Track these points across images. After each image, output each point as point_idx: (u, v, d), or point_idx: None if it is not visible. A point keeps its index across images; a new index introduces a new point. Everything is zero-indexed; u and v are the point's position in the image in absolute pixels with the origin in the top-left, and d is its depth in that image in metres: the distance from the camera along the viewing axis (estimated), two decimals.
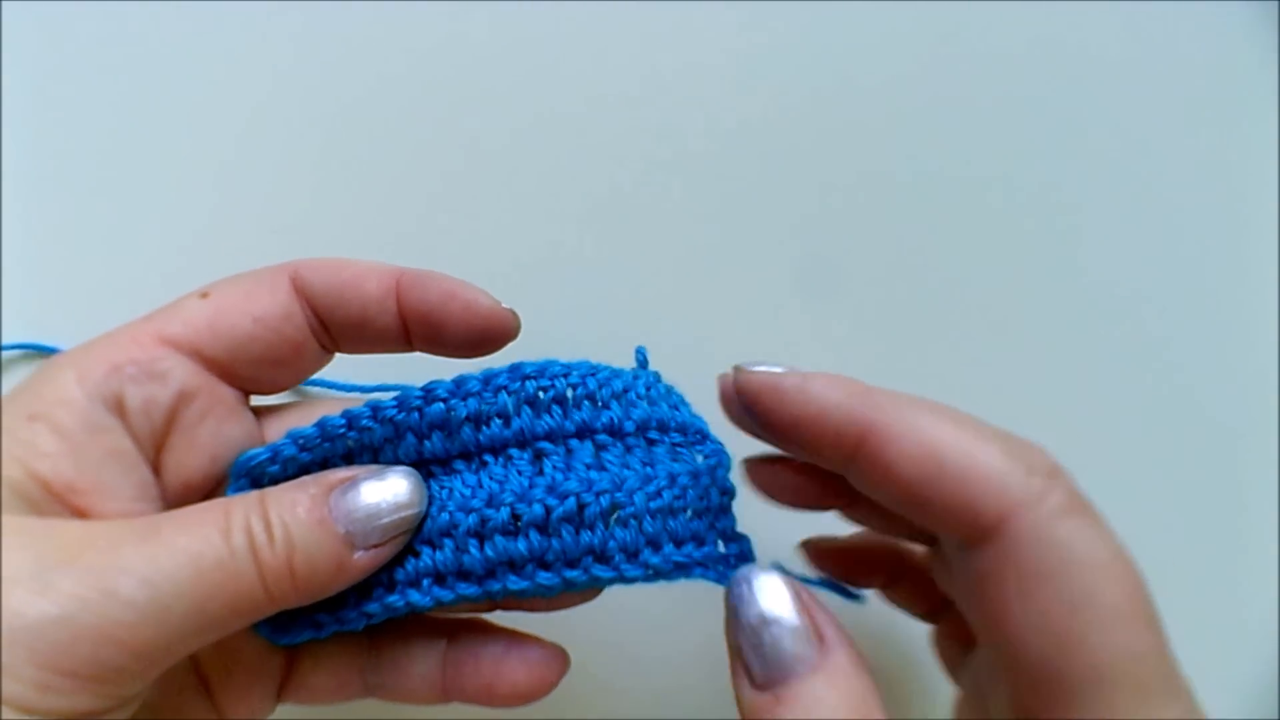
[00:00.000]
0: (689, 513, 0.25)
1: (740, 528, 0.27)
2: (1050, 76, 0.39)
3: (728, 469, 0.27)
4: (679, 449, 0.26)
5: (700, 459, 0.26)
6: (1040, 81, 0.39)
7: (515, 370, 0.25)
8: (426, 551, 0.24)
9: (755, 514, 0.27)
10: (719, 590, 0.26)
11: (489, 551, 0.24)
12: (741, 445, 0.27)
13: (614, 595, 0.27)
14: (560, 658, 0.26)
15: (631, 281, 0.38)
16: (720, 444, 0.27)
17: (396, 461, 0.25)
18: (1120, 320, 0.38)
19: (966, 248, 0.38)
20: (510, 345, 0.26)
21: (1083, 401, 0.38)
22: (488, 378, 0.25)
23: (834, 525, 0.37)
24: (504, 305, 0.25)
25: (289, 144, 0.38)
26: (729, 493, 0.27)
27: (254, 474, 0.24)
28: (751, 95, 0.38)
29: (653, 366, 0.28)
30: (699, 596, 0.36)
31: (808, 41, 0.38)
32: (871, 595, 0.31)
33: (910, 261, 0.38)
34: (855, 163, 0.38)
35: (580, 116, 0.38)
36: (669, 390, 0.27)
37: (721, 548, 0.26)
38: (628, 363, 0.28)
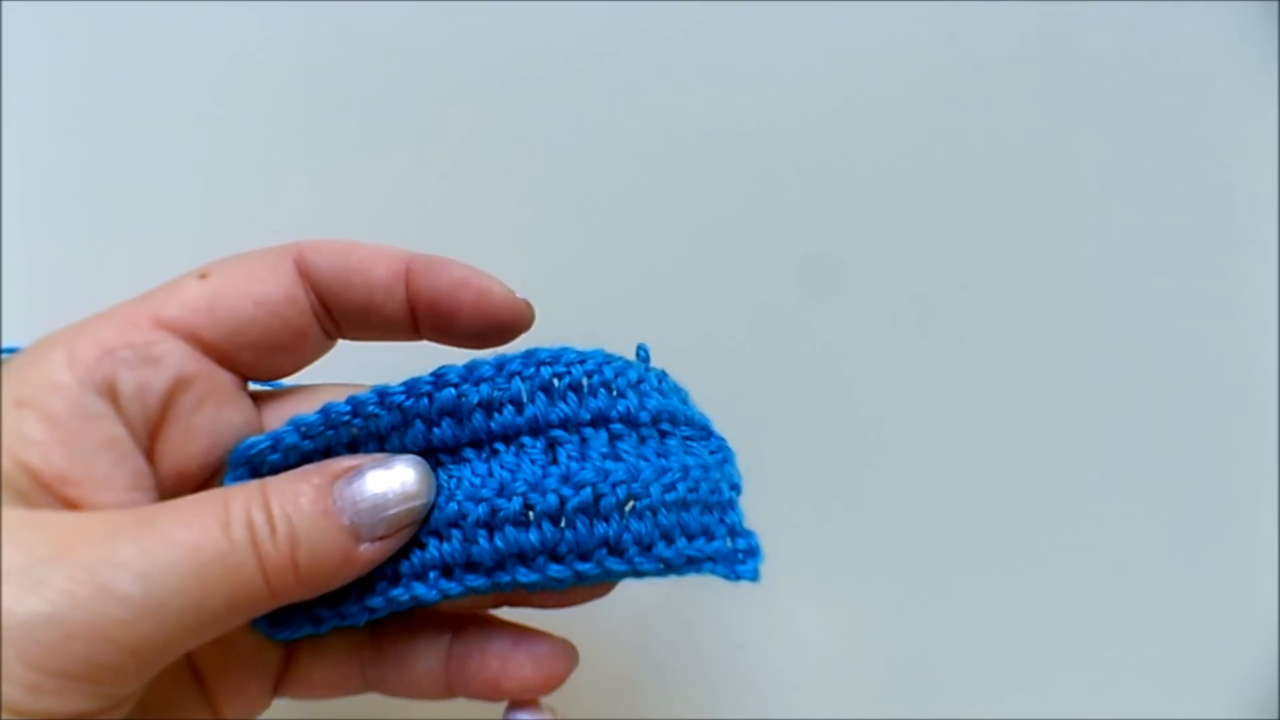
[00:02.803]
0: (700, 506, 0.25)
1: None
2: (1050, 76, 0.39)
3: (734, 465, 0.26)
4: (689, 442, 0.26)
5: (707, 454, 0.26)
6: (1040, 81, 0.39)
7: (529, 356, 0.24)
8: (433, 543, 0.23)
9: (756, 515, 0.27)
10: (727, 586, 0.25)
11: (499, 543, 0.23)
12: (745, 443, 0.27)
13: (620, 590, 0.27)
14: (569, 652, 0.26)
15: (634, 278, 0.38)
16: (724, 440, 0.27)
17: (403, 450, 0.24)
18: (1120, 320, 0.38)
19: (966, 248, 0.38)
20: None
21: (1083, 401, 0.38)
22: (501, 363, 0.24)
23: (835, 521, 0.37)
24: (518, 295, 0.25)
25: (295, 132, 0.38)
26: (736, 488, 0.26)
27: (254, 463, 0.23)
28: (756, 94, 0.38)
29: (654, 363, 0.27)
30: (707, 592, 0.35)
31: (809, 40, 0.38)
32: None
33: (910, 262, 0.38)
34: (856, 162, 0.38)
35: (586, 111, 0.38)
36: (676, 386, 0.27)
37: (729, 542, 0.25)
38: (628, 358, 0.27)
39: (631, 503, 0.23)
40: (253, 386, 0.25)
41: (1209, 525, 0.38)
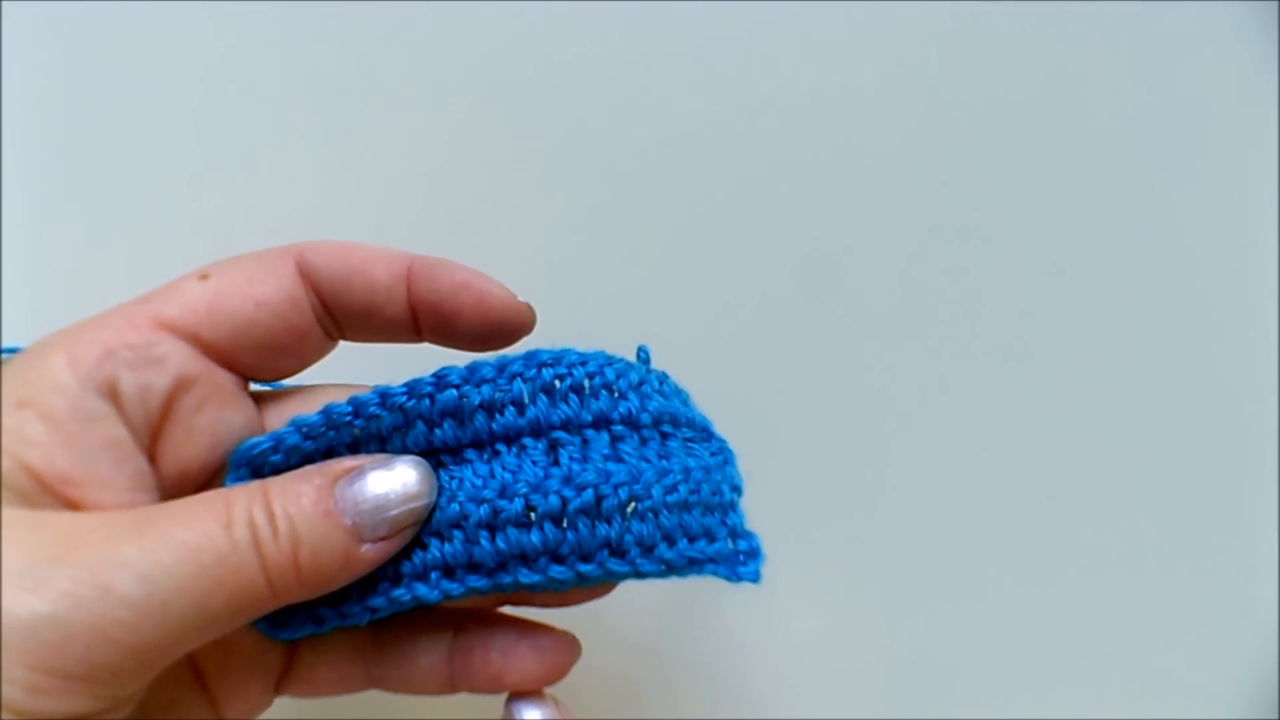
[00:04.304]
0: (701, 508, 0.25)
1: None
2: (1050, 76, 0.38)
3: (735, 466, 0.26)
4: (690, 444, 0.26)
5: (708, 455, 0.26)
6: (1040, 81, 0.38)
7: (531, 358, 0.24)
8: (435, 544, 0.23)
9: (755, 516, 0.27)
10: (728, 586, 0.25)
11: (500, 544, 0.23)
12: (745, 444, 0.27)
13: (621, 590, 0.26)
14: (572, 644, 0.26)
15: (635, 280, 0.38)
16: (725, 442, 0.27)
17: (405, 451, 0.24)
18: (1120, 319, 0.38)
19: (966, 247, 0.38)
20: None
21: (1083, 401, 0.38)
22: (502, 364, 0.24)
23: (835, 522, 0.37)
24: (519, 298, 0.25)
25: (296, 132, 0.37)
26: (737, 489, 0.26)
27: (255, 463, 0.23)
28: (756, 92, 0.38)
29: (655, 365, 0.27)
30: (707, 593, 0.35)
31: (809, 38, 0.38)
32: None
33: (910, 261, 0.38)
34: (856, 162, 0.38)
35: (586, 111, 0.38)
36: (678, 388, 0.27)
37: (731, 544, 0.25)
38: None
39: (633, 504, 0.23)
40: (254, 387, 0.25)
41: (1209, 526, 0.38)
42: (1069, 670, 0.37)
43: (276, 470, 0.23)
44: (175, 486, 0.23)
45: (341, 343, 0.26)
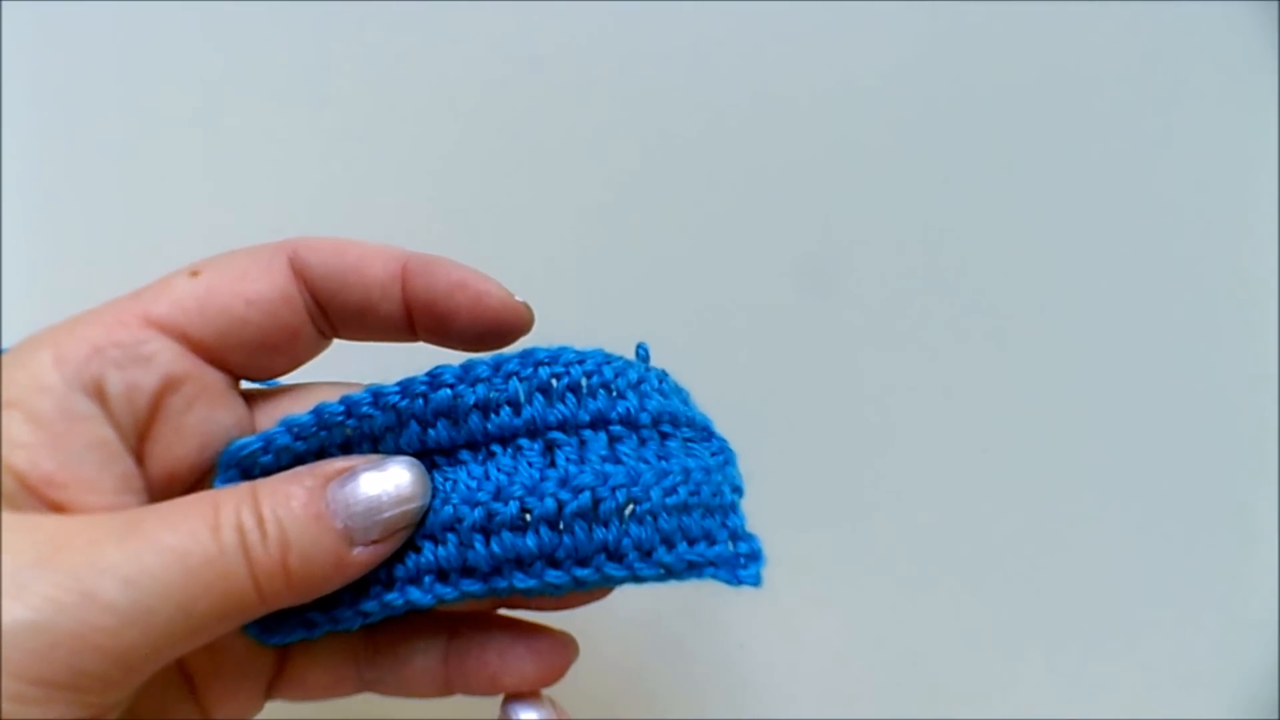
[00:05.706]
0: (701, 510, 0.24)
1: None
2: (1050, 76, 0.38)
3: (735, 466, 0.26)
4: (690, 444, 0.25)
5: (708, 456, 0.25)
6: (1040, 81, 0.38)
7: (527, 356, 0.24)
8: (428, 547, 0.23)
9: (756, 516, 0.27)
10: (726, 590, 0.25)
11: (495, 548, 0.23)
12: (747, 445, 0.27)
13: (619, 587, 0.26)
14: (569, 645, 0.25)
15: (634, 277, 0.37)
16: (726, 441, 0.26)
17: (398, 451, 0.24)
18: (1119, 319, 0.38)
19: (966, 247, 0.38)
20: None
21: (1083, 401, 0.38)
22: (498, 363, 0.23)
23: (836, 522, 0.37)
24: (517, 298, 0.24)
25: (292, 130, 0.37)
26: (738, 490, 0.26)
27: (245, 464, 0.23)
28: (755, 92, 0.38)
29: (654, 363, 0.27)
30: (707, 592, 0.35)
31: (810, 38, 0.38)
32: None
33: (910, 261, 0.38)
34: (856, 160, 0.38)
35: (583, 110, 0.38)
36: (677, 387, 0.26)
37: (731, 546, 0.25)
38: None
39: (631, 507, 0.23)
40: (245, 386, 0.25)
41: (1209, 525, 0.38)
42: (1069, 670, 0.37)
43: (267, 471, 0.23)
44: (163, 488, 0.23)
45: (335, 341, 0.25)
